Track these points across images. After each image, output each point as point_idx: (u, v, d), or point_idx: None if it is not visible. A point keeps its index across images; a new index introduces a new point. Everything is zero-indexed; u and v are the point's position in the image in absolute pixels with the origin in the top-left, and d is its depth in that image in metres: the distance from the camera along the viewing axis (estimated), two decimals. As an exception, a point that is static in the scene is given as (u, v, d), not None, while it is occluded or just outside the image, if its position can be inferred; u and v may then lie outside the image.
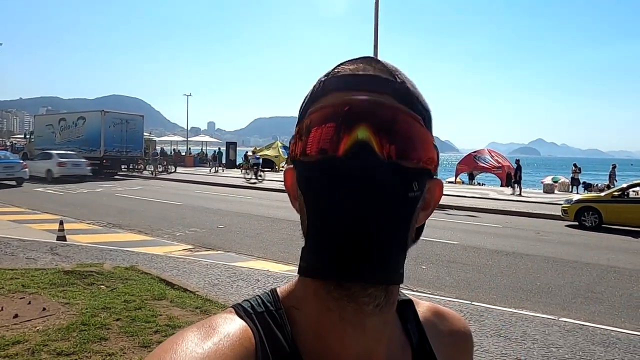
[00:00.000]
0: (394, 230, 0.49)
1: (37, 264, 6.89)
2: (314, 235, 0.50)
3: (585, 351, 4.56)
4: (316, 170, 0.50)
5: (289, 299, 0.57)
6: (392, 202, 0.49)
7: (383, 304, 0.51)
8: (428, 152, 0.52)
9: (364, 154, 0.48)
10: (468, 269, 8.08)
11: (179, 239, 9.98)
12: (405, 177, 0.50)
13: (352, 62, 0.55)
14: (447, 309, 0.70)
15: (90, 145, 26.03)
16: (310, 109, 0.54)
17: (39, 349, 3.71)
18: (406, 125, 0.50)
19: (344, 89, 0.52)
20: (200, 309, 5.03)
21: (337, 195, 0.48)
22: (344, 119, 0.49)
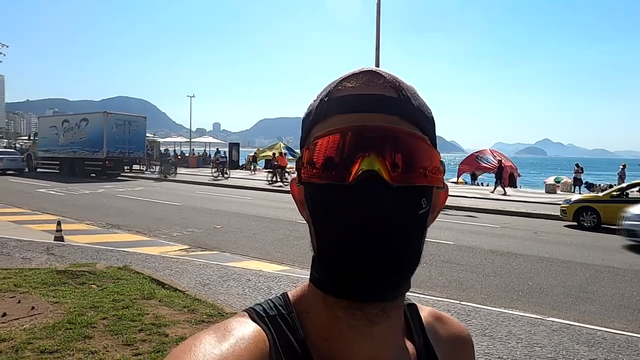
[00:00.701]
0: (406, 250, 0.50)
1: (32, 263, 6.97)
2: (323, 254, 0.52)
3: (569, 350, 4.57)
4: (325, 195, 0.50)
5: (300, 303, 0.58)
6: (402, 224, 0.50)
7: (389, 310, 0.53)
8: (435, 171, 0.53)
9: (373, 182, 0.48)
10: (461, 269, 8.09)
11: (175, 239, 10.04)
12: (414, 198, 0.51)
13: (353, 77, 0.55)
14: (447, 314, 0.72)
15: (93, 147, 26.21)
16: (314, 131, 0.54)
17: (23, 347, 3.77)
18: (414, 149, 0.51)
19: (349, 111, 0.52)
20: (187, 308, 5.07)
21: (345, 222, 0.48)
22: (353, 146, 0.49)
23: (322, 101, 0.55)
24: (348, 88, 0.53)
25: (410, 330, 0.64)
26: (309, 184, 0.52)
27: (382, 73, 0.54)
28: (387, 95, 0.52)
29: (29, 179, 23.45)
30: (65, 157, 27.60)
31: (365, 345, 0.54)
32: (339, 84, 0.55)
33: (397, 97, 0.53)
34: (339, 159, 0.50)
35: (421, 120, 0.54)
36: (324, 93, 0.56)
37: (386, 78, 0.54)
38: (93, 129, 26.51)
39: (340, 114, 0.52)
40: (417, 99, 0.55)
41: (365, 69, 0.55)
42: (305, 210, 0.55)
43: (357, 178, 0.48)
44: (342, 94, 0.53)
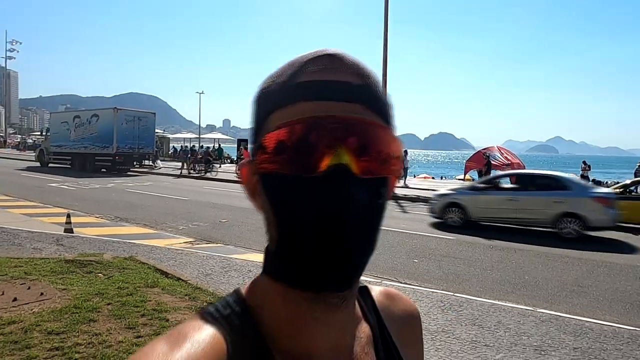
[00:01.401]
0: (369, 240, 0.52)
1: (42, 253, 7.24)
2: (287, 245, 0.51)
3: (555, 339, 4.72)
4: (291, 186, 0.49)
5: (254, 298, 0.57)
6: (366, 213, 0.50)
7: (348, 297, 0.54)
8: (398, 160, 0.53)
9: (341, 174, 0.48)
10: (459, 263, 8.23)
11: (181, 232, 10.29)
12: (376, 188, 0.51)
13: (316, 61, 0.53)
14: (396, 291, 0.73)
15: (104, 142, 26.60)
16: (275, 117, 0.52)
17: (31, 329, 4.01)
18: (381, 140, 0.51)
19: (313, 98, 0.51)
20: (189, 296, 5.29)
21: (313, 213, 0.48)
22: (322, 138, 0.48)
23: (282, 85, 0.53)
24: (310, 73, 0.52)
25: (364, 312, 0.64)
26: (270, 174, 0.51)
27: (344, 57, 0.54)
28: (351, 83, 0.52)
29: (41, 174, 23.90)
30: (76, 153, 28.03)
31: (328, 335, 0.54)
32: (301, 67, 0.53)
33: (361, 83, 0.52)
34: (306, 151, 0.48)
35: (384, 107, 0.55)
36: (284, 76, 0.53)
37: (349, 63, 0.53)
38: (103, 124, 26.91)
39: (305, 102, 0.51)
40: (377, 85, 0.55)
41: (328, 52, 0.54)
42: (258, 198, 0.55)
43: (326, 170, 0.48)
44: (304, 79, 0.52)
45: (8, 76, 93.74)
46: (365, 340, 0.61)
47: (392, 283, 6.77)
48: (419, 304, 5.67)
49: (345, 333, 0.57)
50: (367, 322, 0.63)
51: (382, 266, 7.81)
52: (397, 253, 8.84)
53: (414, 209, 15.37)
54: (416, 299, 5.84)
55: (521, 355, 4.30)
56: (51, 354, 3.59)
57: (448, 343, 4.54)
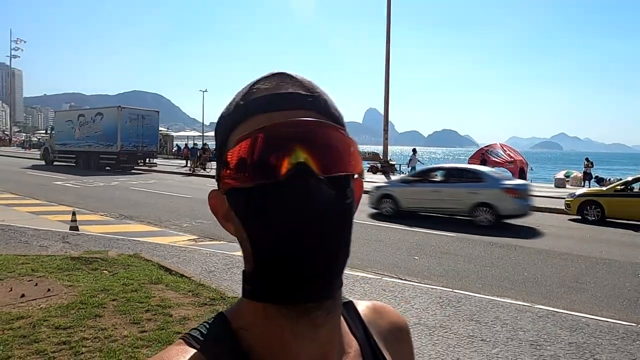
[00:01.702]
0: (340, 241, 0.51)
1: (48, 251, 7.38)
2: (260, 260, 0.51)
3: (551, 334, 4.80)
4: (257, 197, 0.50)
5: (237, 321, 0.57)
6: (335, 216, 0.50)
7: (332, 310, 0.54)
8: (355, 158, 0.54)
9: (304, 175, 0.48)
10: (459, 260, 8.32)
11: (185, 229, 10.42)
12: (341, 188, 0.52)
13: (265, 80, 0.56)
14: (384, 304, 0.73)
15: (108, 140, 26.77)
16: (234, 135, 0.54)
17: (39, 324, 4.14)
18: (334, 139, 0.52)
19: (265, 110, 0.53)
20: (192, 292, 5.41)
21: (282, 217, 0.48)
22: (277, 142, 0.49)
23: (237, 105, 0.56)
24: (262, 90, 0.55)
25: (350, 327, 0.64)
26: (236, 189, 0.51)
27: (293, 75, 0.56)
28: (301, 93, 0.54)
29: (46, 172, 24.11)
30: (81, 151, 28.23)
31: (311, 350, 0.53)
32: (252, 87, 0.56)
33: (310, 94, 0.55)
34: (266, 158, 0.49)
35: (335, 115, 0.56)
36: (237, 97, 0.56)
37: (298, 79, 0.56)
38: (107, 123, 27.07)
39: (259, 114, 0.53)
40: (328, 97, 0.57)
41: (276, 72, 0.57)
42: (231, 221, 0.55)
43: (287, 173, 0.48)
44: (257, 95, 0.54)
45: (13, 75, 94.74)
46: (353, 354, 0.60)
47: (393, 280, 6.86)
48: (418, 299, 5.77)
49: (330, 347, 0.56)
50: (354, 336, 0.63)
51: (383, 263, 7.91)
52: (398, 250, 8.94)
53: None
54: (415, 295, 5.94)
55: (517, 350, 4.39)
56: (59, 348, 3.71)
57: (445, 338, 4.64)
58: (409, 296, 5.90)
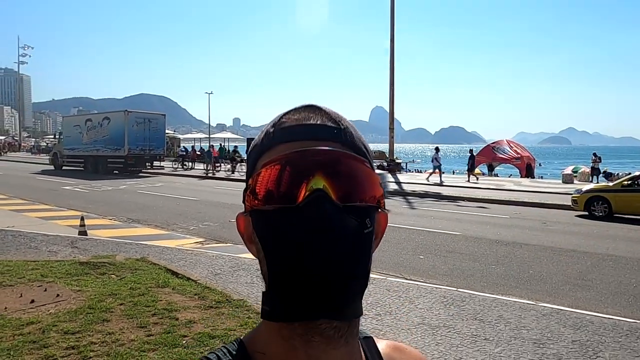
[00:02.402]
0: (355, 267, 0.53)
1: (57, 256, 7.49)
2: (276, 281, 0.52)
3: (554, 332, 4.82)
4: (276, 220, 0.52)
5: (254, 344, 0.58)
6: (351, 242, 0.52)
7: (347, 334, 0.54)
8: (376, 191, 0.56)
9: (321, 201, 0.50)
10: (465, 259, 8.34)
11: (192, 232, 10.52)
12: (360, 217, 0.53)
13: (296, 111, 0.59)
14: (405, 345, 0.73)
15: (115, 144, 27.02)
16: (260, 161, 0.57)
17: (49, 329, 4.23)
18: (355, 170, 0.54)
19: (292, 139, 0.55)
20: (198, 296, 5.48)
21: (298, 242, 0.50)
22: (298, 168, 0.52)
23: (267, 133, 0.58)
24: (291, 120, 0.57)
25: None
26: (258, 211, 0.54)
27: (322, 107, 0.59)
28: (327, 125, 0.57)
29: (55, 177, 24.37)
30: (89, 155, 28.51)
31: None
32: (282, 117, 0.59)
33: (337, 127, 0.57)
34: (286, 184, 0.52)
35: (360, 148, 0.59)
36: (268, 126, 0.59)
37: (327, 111, 0.58)
38: (115, 127, 27.31)
39: (284, 143, 0.55)
40: (355, 131, 0.60)
41: (306, 104, 0.60)
42: (253, 243, 0.57)
43: (305, 199, 0.50)
44: (285, 126, 0.57)
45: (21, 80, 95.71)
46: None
47: (398, 279, 6.90)
48: (422, 299, 5.80)
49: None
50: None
51: (388, 262, 7.95)
52: (404, 249, 8.97)
53: (422, 205, 15.45)
54: (419, 295, 5.97)
55: (520, 349, 4.42)
56: (67, 353, 3.80)
57: (449, 337, 4.67)
58: (413, 296, 5.94)
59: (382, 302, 5.68)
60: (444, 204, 16.12)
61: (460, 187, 20.35)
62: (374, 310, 5.37)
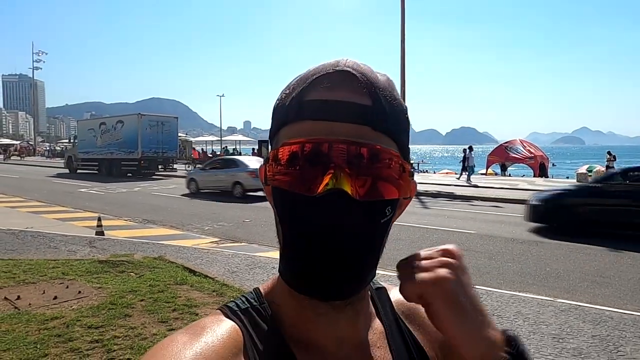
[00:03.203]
0: (367, 256, 0.53)
1: (77, 255, 7.61)
2: (287, 254, 0.55)
3: (573, 328, 4.80)
4: (292, 202, 0.52)
5: (271, 295, 0.61)
6: (364, 232, 0.52)
7: (354, 300, 0.57)
8: (404, 185, 0.54)
9: (339, 196, 0.49)
10: (480, 256, 8.30)
11: (207, 232, 10.60)
12: (379, 208, 0.52)
13: (326, 77, 0.53)
14: None
15: (129, 147, 27.29)
16: (283, 133, 0.55)
17: (72, 323, 4.32)
18: (384, 167, 0.52)
19: (320, 117, 0.52)
20: (216, 292, 5.54)
21: (309, 230, 0.51)
22: (322, 159, 0.50)
23: (292, 100, 0.54)
24: (320, 90, 0.53)
25: (379, 312, 0.66)
26: (277, 187, 0.54)
27: (356, 74, 0.53)
28: (359, 104, 0.52)
29: (71, 180, 24.70)
30: (103, 158, 28.83)
31: (334, 329, 0.57)
32: (311, 83, 0.54)
33: (370, 104, 0.52)
34: (307, 171, 0.50)
35: (394, 128, 0.54)
36: (296, 90, 0.55)
37: (361, 81, 0.53)
38: (128, 130, 27.60)
39: (311, 120, 0.52)
40: (391, 101, 0.54)
41: (340, 68, 0.54)
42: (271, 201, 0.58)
43: (323, 192, 0.49)
44: (312, 97, 0.53)
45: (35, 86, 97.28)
46: (378, 335, 0.63)
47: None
48: (439, 296, 5.80)
49: (353, 328, 0.59)
50: (381, 320, 0.65)
51: (403, 261, 7.94)
52: (419, 248, 8.70)
53: (436, 204, 15.40)
54: (436, 292, 5.96)
55: (539, 343, 4.41)
56: (92, 346, 3.87)
57: (467, 332, 4.67)
58: (429, 292, 5.93)
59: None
60: (457, 203, 16.04)
61: (472, 187, 20.25)
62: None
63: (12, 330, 4.14)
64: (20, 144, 72.43)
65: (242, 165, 17.22)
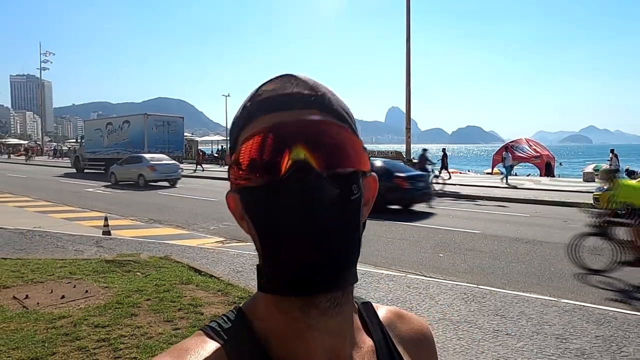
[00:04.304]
0: (344, 235, 0.52)
1: (84, 255, 7.70)
2: (268, 255, 0.53)
3: (577, 328, 4.80)
4: (260, 194, 0.52)
5: (253, 313, 0.59)
6: (337, 210, 0.51)
7: (342, 302, 0.56)
8: (360, 156, 0.55)
9: (303, 172, 0.49)
10: (484, 256, 8.31)
11: (212, 232, 10.67)
12: (345, 184, 0.52)
13: (271, 82, 0.58)
14: (406, 311, 0.74)
15: (135, 147, 27.43)
16: (241, 136, 0.56)
17: (80, 322, 4.38)
18: (336, 136, 0.53)
19: (270, 110, 0.54)
20: (221, 292, 5.59)
21: (284, 214, 0.50)
22: (278, 140, 0.51)
23: (244, 107, 0.58)
24: (267, 92, 0.57)
25: (367, 327, 0.65)
26: (243, 189, 0.54)
27: (297, 75, 0.58)
28: (303, 93, 0.55)
29: (77, 180, 24.87)
30: (109, 158, 28.94)
31: (324, 342, 0.55)
32: (258, 90, 0.58)
33: (313, 94, 0.56)
34: (267, 157, 0.51)
35: (340, 113, 0.57)
36: (246, 100, 0.59)
37: (302, 79, 0.57)
38: (134, 130, 27.78)
39: (263, 115, 0.55)
40: (334, 95, 0.58)
41: (281, 74, 0.59)
42: (244, 220, 0.56)
43: (287, 171, 0.50)
44: (262, 97, 0.56)
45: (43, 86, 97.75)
46: (366, 350, 0.62)
47: (417, 277, 6.92)
48: (442, 296, 5.82)
49: (342, 340, 0.58)
50: (370, 336, 0.64)
51: (408, 261, 7.96)
52: (423, 247, 8.97)
53: (440, 204, 15.39)
54: (440, 292, 5.99)
55: (542, 344, 4.42)
56: (99, 345, 3.93)
57: (470, 332, 4.69)
58: (433, 293, 5.96)
59: (403, 299, 5.72)
60: (462, 202, 16.04)
61: (477, 186, 20.20)
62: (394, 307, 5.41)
63: (21, 329, 4.21)
64: (28, 144, 72.94)
65: (145, 161, 20.83)
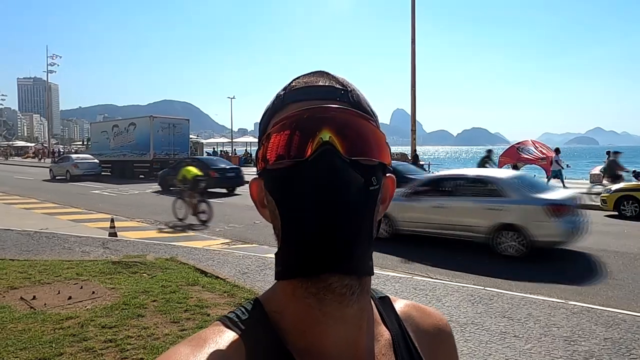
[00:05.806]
0: (361, 222, 0.54)
1: (90, 256, 7.72)
2: (288, 237, 0.54)
3: (585, 330, 4.76)
4: (286, 175, 0.54)
5: (271, 304, 0.60)
6: (357, 196, 0.53)
7: (358, 292, 0.55)
8: (382, 149, 0.58)
9: (329, 154, 0.52)
10: (484, 255, 8.26)
11: (218, 234, 10.68)
12: (366, 173, 0.55)
13: (305, 76, 0.62)
14: (425, 306, 0.75)
15: (141, 149, 27.54)
16: (272, 122, 0.59)
17: (87, 323, 4.39)
18: (362, 127, 0.56)
19: (302, 99, 0.58)
20: (227, 293, 5.59)
21: (307, 195, 0.52)
22: (307, 124, 0.54)
23: (278, 97, 0.61)
24: (300, 83, 0.61)
25: (384, 319, 0.66)
26: (270, 170, 0.56)
27: (330, 73, 0.62)
28: (336, 87, 0.59)
29: (84, 182, 24.98)
30: (115, 160, 29.13)
31: (339, 331, 0.56)
32: (292, 82, 0.62)
33: (343, 88, 0.60)
34: (296, 140, 0.54)
35: (366, 109, 0.61)
36: (279, 91, 0.62)
37: (335, 76, 0.61)
38: (140, 132, 27.86)
39: (294, 103, 0.58)
40: (362, 94, 0.62)
41: (315, 71, 0.63)
42: (266, 207, 0.59)
43: (314, 152, 0.53)
44: (295, 88, 0.60)
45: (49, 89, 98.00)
46: (383, 343, 0.63)
47: (424, 278, 6.89)
48: (449, 297, 5.80)
49: (360, 331, 0.58)
50: (387, 328, 0.65)
51: (413, 262, 7.93)
52: (434, 248, 8.93)
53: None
54: (446, 293, 5.96)
55: (550, 346, 4.38)
56: (106, 345, 3.94)
57: (477, 334, 4.66)
58: (440, 294, 5.94)
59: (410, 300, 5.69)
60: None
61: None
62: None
63: (28, 330, 4.22)
64: (35, 146, 73.30)
65: (71, 160, 26.54)
